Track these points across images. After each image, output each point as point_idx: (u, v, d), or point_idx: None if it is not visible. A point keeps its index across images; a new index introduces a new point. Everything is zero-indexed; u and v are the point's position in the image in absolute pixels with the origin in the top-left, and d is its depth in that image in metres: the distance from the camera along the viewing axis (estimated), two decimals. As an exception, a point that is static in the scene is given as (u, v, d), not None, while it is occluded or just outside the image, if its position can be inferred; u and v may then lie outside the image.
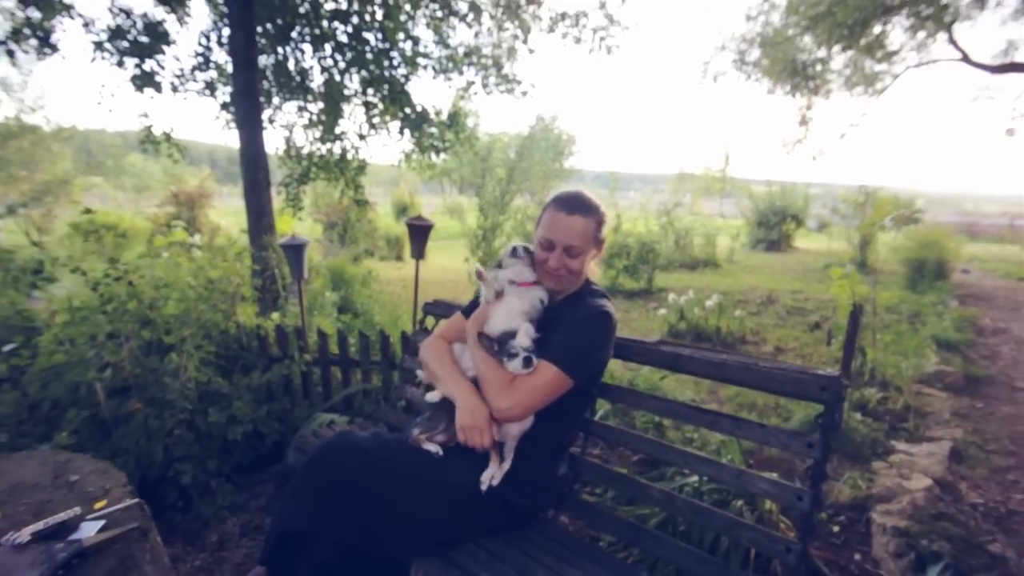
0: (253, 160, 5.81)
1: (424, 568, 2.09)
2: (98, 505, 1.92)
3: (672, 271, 12.94)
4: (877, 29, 11.84)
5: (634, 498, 2.88)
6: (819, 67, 13.27)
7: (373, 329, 5.35)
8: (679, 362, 2.30)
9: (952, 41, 12.14)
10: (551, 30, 7.83)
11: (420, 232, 4.63)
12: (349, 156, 7.87)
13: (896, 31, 12.29)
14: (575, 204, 2.24)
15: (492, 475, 2.18)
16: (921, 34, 12.24)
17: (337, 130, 7.87)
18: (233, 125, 7.27)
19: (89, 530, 1.78)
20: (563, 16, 7.76)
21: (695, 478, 2.90)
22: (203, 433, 3.36)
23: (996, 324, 8.13)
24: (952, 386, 5.58)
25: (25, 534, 1.74)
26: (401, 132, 7.95)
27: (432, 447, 2.22)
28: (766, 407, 4.77)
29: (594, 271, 2.42)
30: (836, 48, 12.26)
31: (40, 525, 1.79)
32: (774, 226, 18.32)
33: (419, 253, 4.70)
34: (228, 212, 17.19)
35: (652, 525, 2.69)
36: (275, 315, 4.37)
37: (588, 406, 2.46)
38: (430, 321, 3.34)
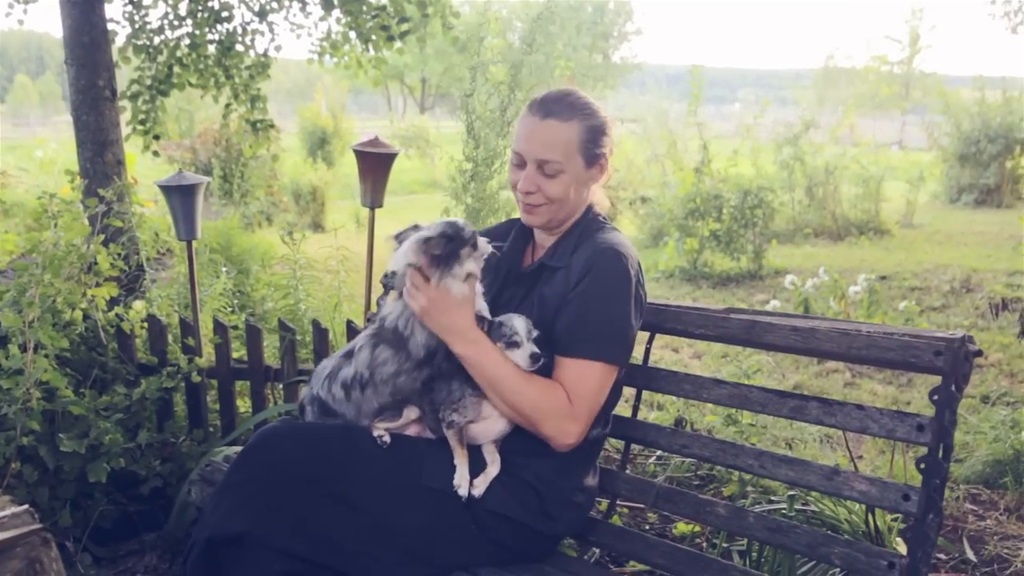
0: (89, 53, 4.10)
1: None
2: None
3: (800, 242, 9.27)
4: None
5: (693, 519, 2.59)
6: None
7: (301, 323, 4.11)
8: (754, 332, 2.01)
9: None
10: None
11: (377, 163, 3.46)
12: (240, 47, 5.27)
13: None
14: (552, 104, 1.90)
15: (470, 481, 1.84)
16: None
17: (216, 2, 5.15)
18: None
19: None
20: None
21: (784, 505, 2.67)
22: (51, 472, 2.77)
23: None
24: None
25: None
26: (326, 7, 5.30)
27: (379, 433, 1.90)
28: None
29: (601, 201, 2.03)
30: None
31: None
32: (989, 162, 11.94)
33: (375, 198, 3.53)
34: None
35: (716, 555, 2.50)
36: (138, 304, 3.49)
37: (619, 390, 2.04)
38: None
